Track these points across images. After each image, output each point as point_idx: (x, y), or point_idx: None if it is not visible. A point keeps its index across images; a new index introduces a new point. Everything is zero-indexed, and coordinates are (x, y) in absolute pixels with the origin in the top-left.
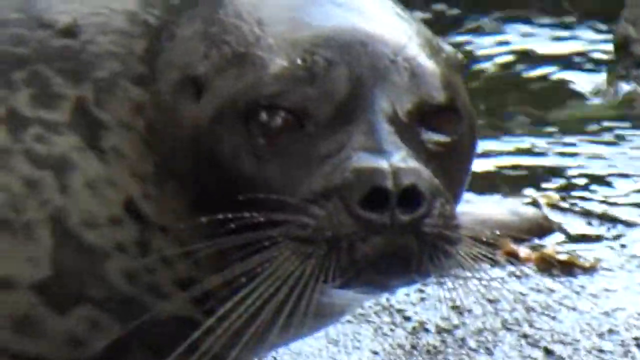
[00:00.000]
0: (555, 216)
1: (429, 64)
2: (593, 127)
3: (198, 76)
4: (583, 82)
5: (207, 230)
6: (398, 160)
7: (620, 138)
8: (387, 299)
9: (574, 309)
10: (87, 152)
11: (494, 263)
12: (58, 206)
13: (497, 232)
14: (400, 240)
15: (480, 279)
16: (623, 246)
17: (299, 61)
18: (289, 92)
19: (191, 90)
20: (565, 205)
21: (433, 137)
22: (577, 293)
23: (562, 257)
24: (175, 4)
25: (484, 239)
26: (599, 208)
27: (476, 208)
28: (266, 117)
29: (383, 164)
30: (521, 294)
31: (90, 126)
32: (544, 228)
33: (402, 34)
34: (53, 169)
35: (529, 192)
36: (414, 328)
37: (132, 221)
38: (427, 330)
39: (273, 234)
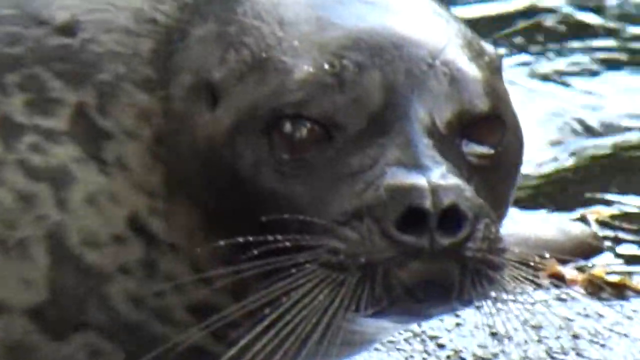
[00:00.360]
0: (605, 234)
1: (470, 68)
2: None
3: (214, 82)
4: None
5: (225, 252)
6: (437, 176)
7: None
8: (419, 325)
9: (625, 335)
10: (87, 164)
11: (538, 285)
12: (55, 222)
13: (541, 252)
14: (440, 266)
15: (522, 303)
16: None
17: (326, 66)
18: (316, 101)
19: (206, 96)
20: (616, 222)
21: (475, 150)
22: (630, 318)
23: (613, 278)
24: (187, 1)
25: (528, 261)
26: None
27: (518, 225)
28: (290, 128)
29: (421, 180)
30: (567, 319)
31: (92, 135)
32: (593, 247)
33: (440, 35)
34: (50, 182)
35: (577, 207)
36: (448, 357)
37: (137, 239)
38: None
39: (300, 260)
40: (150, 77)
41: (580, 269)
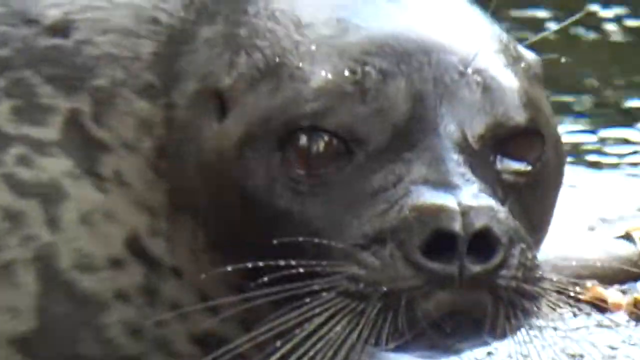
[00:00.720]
0: None
1: (505, 77)
2: None
3: (223, 89)
4: None
5: (234, 277)
6: (468, 196)
7: None
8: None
9: None
10: (81, 179)
11: (578, 310)
12: (45, 244)
13: (582, 274)
14: (471, 296)
15: (559, 330)
16: None
17: (346, 73)
18: (334, 111)
19: (213, 105)
20: None
21: (511, 166)
22: None
23: None
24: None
25: (567, 285)
26: None
27: (556, 243)
28: (307, 141)
29: (450, 200)
30: (611, 347)
31: (86, 146)
32: (638, 267)
33: (473, 40)
34: (40, 198)
35: (622, 224)
36: None
37: (136, 262)
38: None
39: (316, 287)
40: (152, 83)
41: (625, 292)
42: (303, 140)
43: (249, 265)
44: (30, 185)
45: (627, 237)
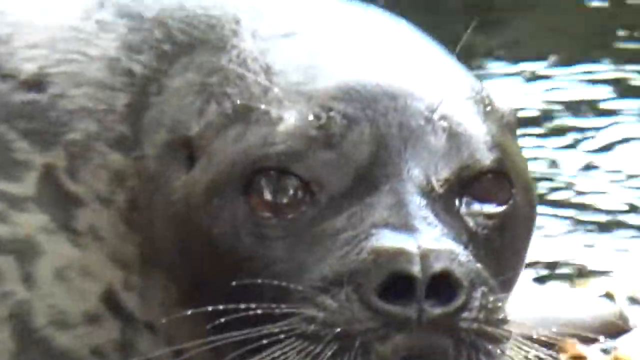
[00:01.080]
0: (633, 311)
1: (472, 122)
2: None
3: (191, 138)
4: None
5: (199, 323)
6: (429, 239)
7: None
8: None
9: None
10: (57, 234)
11: None
12: (21, 301)
13: (560, 331)
14: (430, 340)
15: None
16: None
17: (312, 118)
18: (299, 156)
19: (182, 155)
20: None
21: (477, 209)
22: None
23: None
24: (167, 50)
25: (542, 339)
26: None
27: (532, 299)
28: (271, 184)
29: (409, 244)
30: None
31: (61, 201)
32: (619, 326)
33: (441, 86)
34: (15, 255)
35: (600, 279)
36: None
37: (112, 318)
38: None
39: (274, 330)
40: (125, 135)
41: (606, 351)
42: (267, 183)
43: (209, 308)
44: (5, 241)
45: (607, 295)
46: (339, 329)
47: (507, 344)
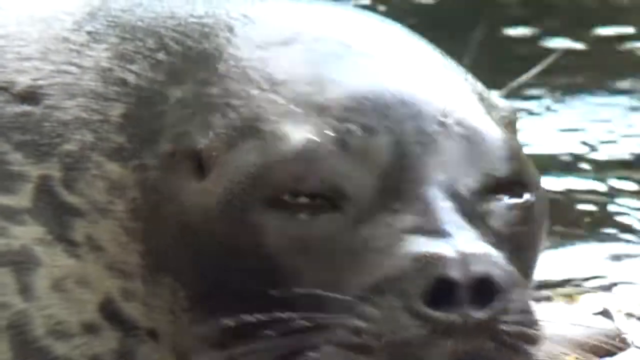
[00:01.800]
0: (631, 327)
1: (485, 125)
2: None
3: (199, 149)
4: None
5: (218, 335)
6: (464, 243)
7: None
8: None
9: None
10: (54, 245)
11: None
12: (19, 312)
13: (554, 351)
14: (474, 343)
15: None
16: None
17: (329, 132)
18: (319, 172)
19: (191, 165)
20: None
21: (499, 212)
22: None
23: None
24: (161, 59)
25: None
26: None
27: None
28: (294, 201)
29: (446, 248)
30: None
31: (58, 213)
32: (616, 345)
33: (448, 89)
34: (12, 267)
35: (597, 296)
36: None
37: (111, 327)
38: None
39: (316, 341)
40: (122, 146)
41: None
42: (291, 200)
43: (251, 319)
44: (2, 253)
45: (603, 312)
46: (387, 339)
47: (540, 344)
